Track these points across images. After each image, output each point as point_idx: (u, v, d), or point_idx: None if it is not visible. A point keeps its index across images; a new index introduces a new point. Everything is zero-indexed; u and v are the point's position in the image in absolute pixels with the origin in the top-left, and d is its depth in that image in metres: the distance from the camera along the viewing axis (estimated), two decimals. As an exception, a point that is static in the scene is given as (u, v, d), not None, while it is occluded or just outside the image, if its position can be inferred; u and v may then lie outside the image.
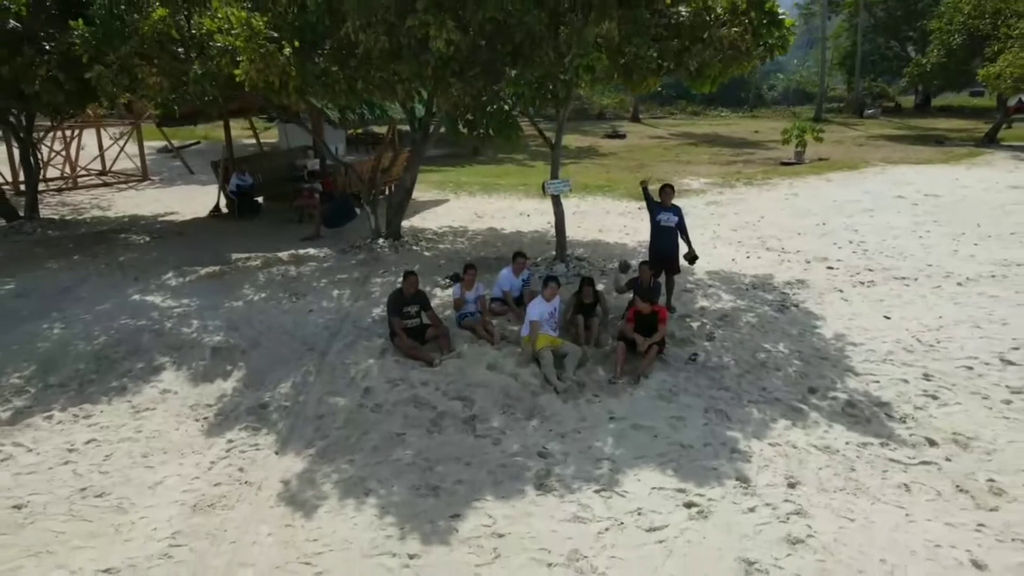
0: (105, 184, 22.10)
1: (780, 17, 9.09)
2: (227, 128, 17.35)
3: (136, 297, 10.84)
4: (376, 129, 24.94)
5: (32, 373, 8.44)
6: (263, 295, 10.82)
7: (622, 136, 38.14)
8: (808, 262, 12.12)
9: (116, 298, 10.81)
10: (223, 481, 6.42)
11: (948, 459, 6.62)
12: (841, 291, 10.72)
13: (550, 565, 5.29)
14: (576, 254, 12.44)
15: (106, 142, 23.54)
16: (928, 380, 8.07)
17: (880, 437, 6.98)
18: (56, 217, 16.55)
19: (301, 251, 13.16)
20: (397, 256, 12.65)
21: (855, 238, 13.65)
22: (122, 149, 23.65)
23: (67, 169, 21.87)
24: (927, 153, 28.17)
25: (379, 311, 9.91)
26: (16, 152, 16.68)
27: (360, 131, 24.99)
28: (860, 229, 14.35)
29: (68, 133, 21.69)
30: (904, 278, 11.21)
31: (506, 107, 9.60)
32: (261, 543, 5.62)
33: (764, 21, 9.02)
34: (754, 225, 15.02)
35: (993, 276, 11.22)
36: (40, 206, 16.09)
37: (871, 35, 51.90)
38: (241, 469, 6.60)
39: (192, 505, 6.10)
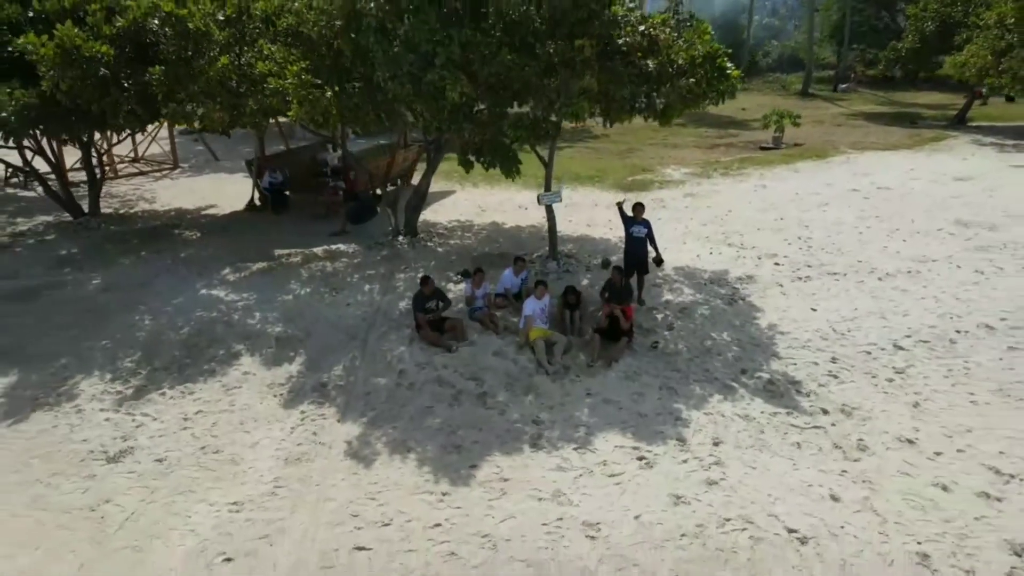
0: (141, 173, 24.12)
1: (728, 71, 11.18)
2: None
3: (203, 292, 13.09)
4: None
5: (139, 359, 10.74)
6: (307, 290, 13.07)
7: (614, 115, 39.86)
8: (759, 258, 14.33)
9: (187, 292, 13.06)
10: (303, 442, 8.76)
11: (833, 424, 8.96)
12: (781, 286, 12.97)
13: (540, 499, 7.65)
14: (566, 250, 14.65)
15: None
16: (834, 363, 10.38)
17: (787, 408, 9.31)
18: (110, 211, 18.65)
19: (332, 247, 15.36)
20: (415, 252, 14.86)
21: (804, 234, 15.83)
22: (153, 137, 25.58)
23: (105, 159, 23.85)
24: (897, 136, 30.12)
25: (404, 304, 12.17)
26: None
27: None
28: (811, 224, 16.53)
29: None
30: (835, 274, 13.45)
31: (507, 142, 11.74)
32: (337, 485, 7.98)
33: (715, 74, 11.12)
34: (721, 219, 17.18)
35: (909, 272, 13.46)
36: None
37: (861, 6, 53.05)
38: (315, 433, 8.94)
39: (284, 459, 8.45)
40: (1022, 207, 17.30)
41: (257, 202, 18.85)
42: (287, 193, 18.80)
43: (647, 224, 12.01)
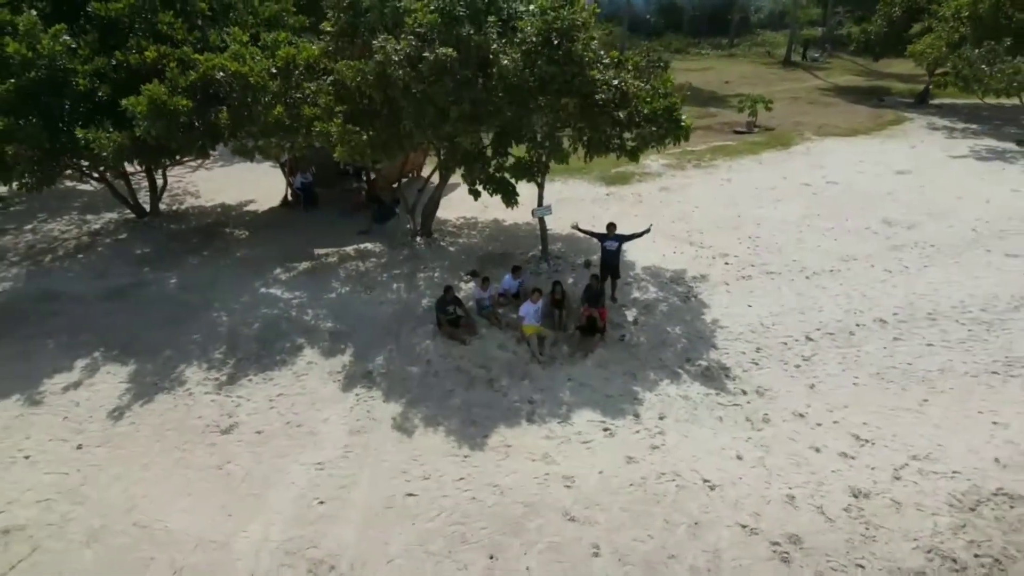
0: (179, 162, 26.68)
1: (682, 123, 14.02)
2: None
3: (263, 290, 16.09)
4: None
5: (225, 351, 13.82)
6: (347, 289, 16.08)
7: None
8: (713, 258, 17.31)
9: (249, 291, 16.06)
10: (360, 418, 11.92)
11: (748, 402, 12.13)
12: (727, 284, 16.01)
13: (533, 460, 10.83)
14: (555, 250, 17.60)
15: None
16: (757, 352, 13.51)
17: (717, 389, 12.46)
18: (163, 206, 21.39)
19: (362, 246, 18.27)
20: (431, 252, 17.80)
21: (754, 232, 18.74)
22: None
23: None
24: (861, 117, 32.70)
25: (426, 302, 15.20)
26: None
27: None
28: (762, 222, 19.42)
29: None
30: (772, 273, 16.47)
31: (507, 177, 14.59)
32: (388, 450, 11.15)
33: (672, 124, 13.94)
34: (688, 217, 20.05)
35: (831, 271, 16.49)
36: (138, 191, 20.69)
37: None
38: (368, 411, 12.09)
39: (348, 431, 11.62)
40: (943, 204, 20.22)
41: (290, 198, 21.64)
42: (316, 192, 21.57)
43: (619, 238, 14.95)
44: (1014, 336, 13.83)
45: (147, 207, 20.09)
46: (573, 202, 21.43)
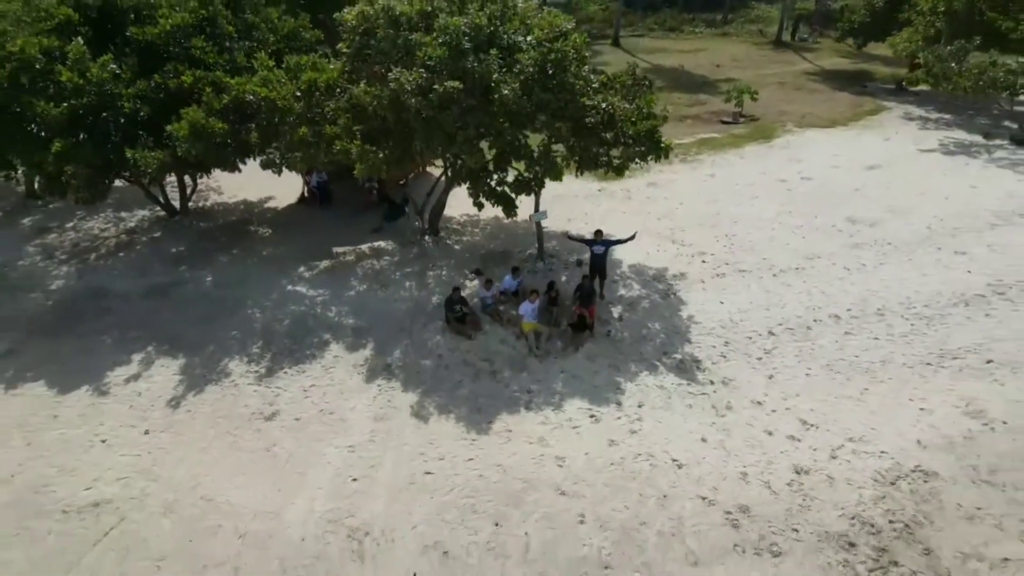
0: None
1: (662, 144, 15.75)
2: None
3: (289, 288, 17.92)
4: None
5: (261, 345, 15.72)
6: (364, 287, 17.91)
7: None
8: (692, 256, 19.12)
9: (277, 288, 17.90)
10: (383, 406, 13.87)
11: (715, 391, 14.08)
12: (703, 282, 17.86)
13: (530, 443, 12.82)
14: (550, 249, 19.37)
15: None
16: (726, 346, 15.43)
17: (688, 380, 14.41)
18: (191, 205, 23.05)
19: (375, 244, 20.04)
20: (439, 251, 19.58)
21: (731, 230, 20.48)
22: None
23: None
24: (842, 106, 34.17)
25: (436, 299, 17.05)
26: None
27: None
28: (739, 220, 21.16)
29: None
30: (744, 271, 18.31)
31: (508, 191, 16.36)
32: (408, 435, 13.13)
33: (653, 145, 15.67)
34: (672, 214, 21.76)
35: (797, 268, 18.34)
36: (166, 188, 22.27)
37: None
38: (389, 400, 14.04)
39: (372, 417, 13.58)
40: (905, 201, 21.95)
41: (306, 195, 23.32)
42: (330, 190, 23.24)
43: (605, 243, 16.75)
44: (950, 330, 15.76)
45: (177, 205, 21.75)
46: (567, 198, 23.10)
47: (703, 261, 18.85)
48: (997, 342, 15.29)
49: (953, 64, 26.99)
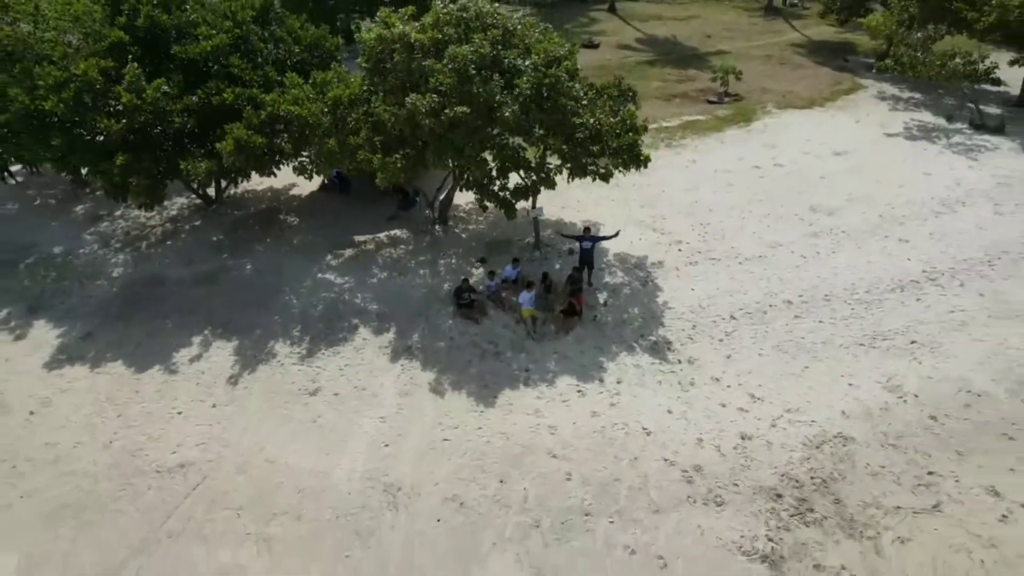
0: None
1: (642, 156, 18.09)
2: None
3: (320, 276, 20.49)
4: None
5: (300, 329, 18.39)
6: (384, 275, 20.48)
7: (596, 46, 45.03)
8: (670, 244, 21.61)
9: (309, 276, 20.46)
10: (406, 383, 16.64)
11: (681, 370, 16.83)
12: (678, 270, 20.42)
13: (527, 414, 15.61)
14: (545, 238, 21.85)
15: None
16: (693, 329, 18.11)
17: (660, 359, 17.14)
18: (225, 195, 25.40)
19: (391, 232, 22.49)
20: (448, 239, 22.06)
21: (706, 219, 22.91)
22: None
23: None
24: (821, 84, 36.07)
25: (447, 286, 19.63)
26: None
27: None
28: (714, 208, 23.57)
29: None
30: (714, 259, 20.84)
31: (509, 197, 18.78)
32: (428, 408, 15.92)
33: (635, 156, 18.03)
34: (655, 201, 24.14)
35: (760, 256, 20.87)
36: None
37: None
38: (411, 378, 16.80)
39: (398, 393, 16.37)
40: (863, 190, 24.29)
41: (326, 182, 25.64)
42: (348, 178, 25.55)
43: (593, 239, 19.25)
44: (885, 314, 18.43)
45: (212, 195, 24.14)
46: (560, 187, 25.24)
47: (679, 249, 21.36)
48: (922, 324, 17.97)
49: (919, 53, 28.88)
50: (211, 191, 24.05)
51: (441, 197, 22.35)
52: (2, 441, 15.36)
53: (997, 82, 29.52)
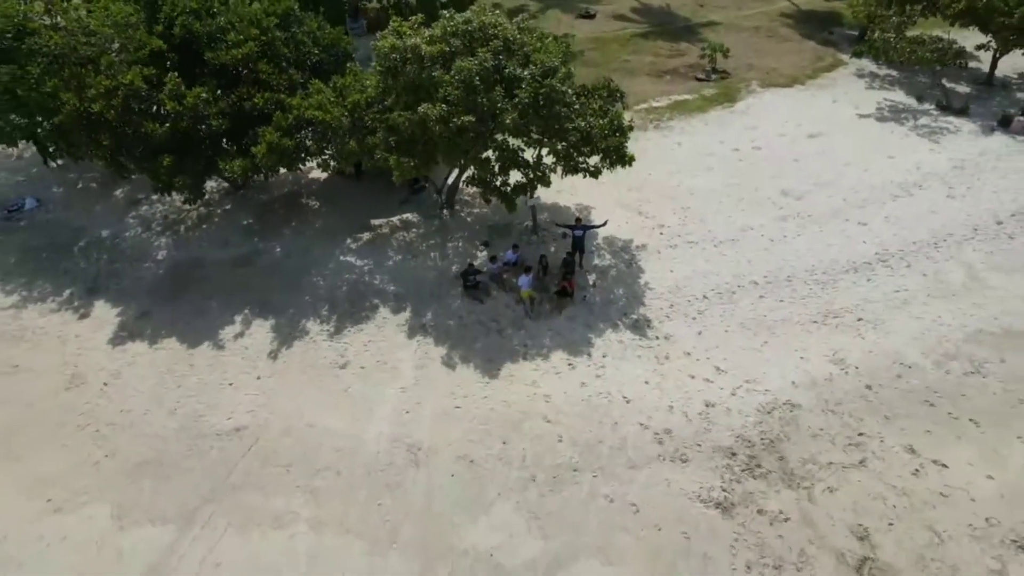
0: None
1: (627, 156, 20.25)
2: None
3: (342, 258, 22.84)
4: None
5: (328, 309, 20.87)
6: (399, 257, 22.82)
7: (592, 16, 46.23)
8: (653, 228, 23.86)
9: (332, 259, 22.81)
10: (422, 357, 19.22)
11: (658, 345, 19.38)
12: (659, 252, 22.75)
13: (526, 385, 18.22)
14: (542, 221, 24.11)
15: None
16: (670, 308, 20.60)
17: (640, 336, 19.68)
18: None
19: (404, 216, 24.73)
20: (454, 223, 24.31)
21: (687, 203, 25.07)
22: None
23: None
24: (804, 60, 37.49)
25: (455, 268, 22.01)
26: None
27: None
28: (695, 192, 25.73)
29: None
30: (691, 242, 23.16)
31: (509, 193, 21.02)
32: (441, 380, 18.54)
33: (621, 156, 20.20)
34: (642, 185, 26.19)
35: (732, 240, 23.19)
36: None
37: None
38: (426, 353, 19.37)
39: (415, 366, 18.96)
40: (831, 173, 26.30)
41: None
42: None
43: (583, 228, 21.55)
44: (838, 293, 20.89)
45: (240, 181, 26.28)
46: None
47: (660, 233, 23.67)
48: (869, 303, 20.46)
49: (892, 38, 30.55)
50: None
51: (448, 184, 24.51)
52: (84, 408, 18.05)
53: (964, 66, 31.28)
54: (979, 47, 31.54)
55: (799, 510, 15.17)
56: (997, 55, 31.84)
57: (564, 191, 25.80)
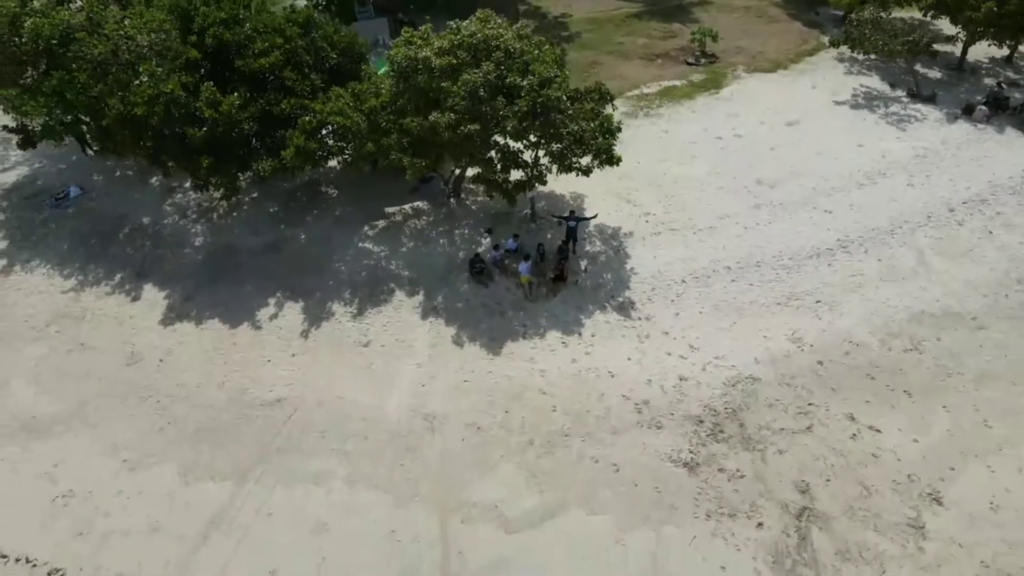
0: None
1: (615, 157, 22.47)
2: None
3: (360, 245, 25.23)
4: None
5: (350, 292, 23.39)
6: (412, 244, 25.21)
7: (586, -6, 47.47)
8: (639, 216, 26.14)
9: (352, 246, 25.21)
10: (434, 337, 21.79)
11: (640, 325, 21.94)
12: (644, 239, 25.13)
13: (524, 361, 20.83)
14: (539, 208, 26.41)
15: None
16: (652, 291, 23.10)
17: (625, 317, 22.23)
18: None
19: (414, 204, 27.01)
20: (461, 211, 26.60)
21: (671, 191, 27.26)
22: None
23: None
24: (789, 43, 39.13)
25: (462, 255, 24.45)
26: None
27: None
28: (679, 180, 27.88)
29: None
30: (674, 229, 25.50)
31: (510, 189, 23.30)
32: (451, 356, 21.15)
33: (609, 156, 22.44)
34: (631, 174, 28.06)
35: (710, 227, 25.52)
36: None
37: None
38: (438, 332, 21.92)
39: (429, 344, 21.58)
40: (804, 162, 28.37)
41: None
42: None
43: (575, 219, 23.88)
44: (802, 277, 23.37)
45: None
46: (554, 155, 29.72)
47: (646, 220, 25.99)
48: (828, 287, 22.97)
49: (867, 31, 32.29)
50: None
51: (454, 175, 26.76)
52: (144, 382, 20.75)
53: (934, 55, 33.09)
54: (949, 38, 33.29)
55: (753, 469, 17.97)
56: (966, 44, 33.61)
57: (560, 180, 27.99)
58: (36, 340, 22.14)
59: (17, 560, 16.75)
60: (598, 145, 22.42)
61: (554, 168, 23.16)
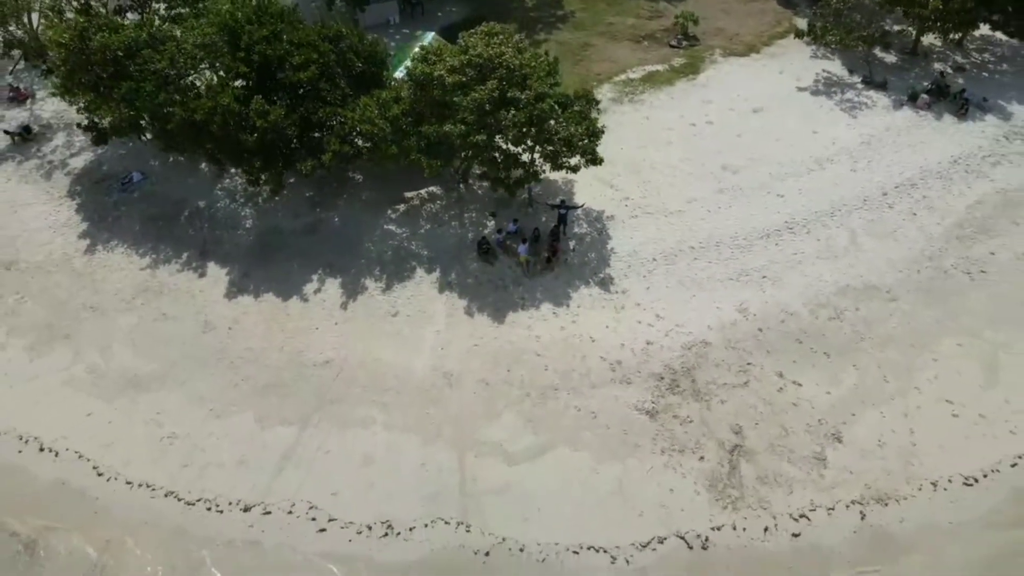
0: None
1: (598, 158, 26.33)
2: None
3: (385, 227, 29.31)
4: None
5: (379, 269, 27.68)
6: (429, 226, 29.31)
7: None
8: (620, 200, 30.05)
9: (378, 227, 29.30)
10: (449, 308, 26.16)
11: (617, 298, 26.28)
12: (624, 222, 29.19)
13: (523, 329, 25.35)
14: (535, 194, 30.38)
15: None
16: (628, 268, 27.37)
17: (606, 291, 26.56)
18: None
19: (430, 189, 30.94)
20: (469, 195, 30.57)
21: (648, 176, 31.08)
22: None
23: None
24: (764, 24, 41.85)
25: (471, 235, 28.63)
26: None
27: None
28: (656, 165, 31.65)
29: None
30: (649, 213, 29.54)
31: (511, 185, 27.24)
32: (464, 325, 25.61)
33: (593, 157, 26.34)
34: (614, 160, 31.75)
35: (679, 211, 29.54)
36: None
37: None
38: (452, 304, 26.28)
39: (445, 315, 25.99)
40: (765, 149, 31.96)
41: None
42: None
43: (565, 207, 27.93)
44: (752, 256, 27.61)
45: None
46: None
47: (625, 204, 29.98)
48: (773, 264, 27.26)
49: (829, 24, 35.41)
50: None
51: (463, 165, 30.63)
52: (218, 347, 25.31)
53: (888, 45, 36.33)
54: (899, 31, 36.47)
55: (700, 415, 22.74)
56: (917, 34, 36.79)
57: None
58: (126, 311, 26.57)
59: (139, 486, 21.66)
60: (584, 147, 26.31)
61: (547, 167, 27.08)
